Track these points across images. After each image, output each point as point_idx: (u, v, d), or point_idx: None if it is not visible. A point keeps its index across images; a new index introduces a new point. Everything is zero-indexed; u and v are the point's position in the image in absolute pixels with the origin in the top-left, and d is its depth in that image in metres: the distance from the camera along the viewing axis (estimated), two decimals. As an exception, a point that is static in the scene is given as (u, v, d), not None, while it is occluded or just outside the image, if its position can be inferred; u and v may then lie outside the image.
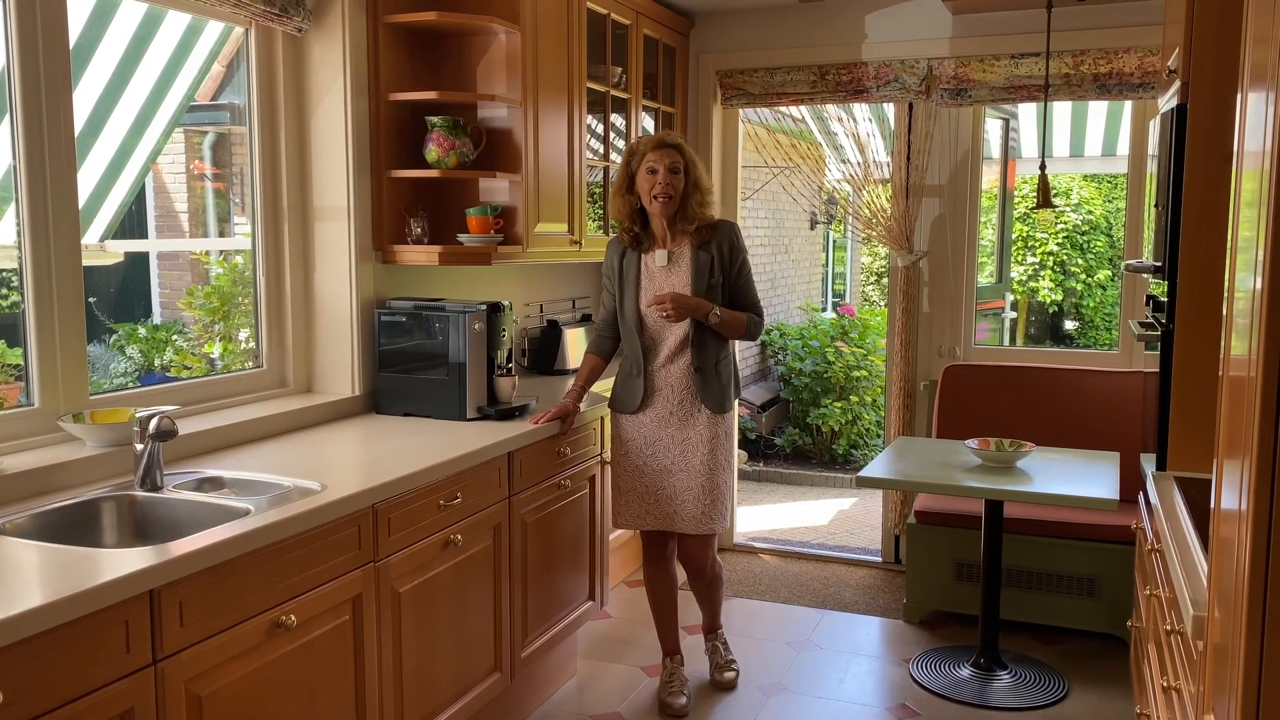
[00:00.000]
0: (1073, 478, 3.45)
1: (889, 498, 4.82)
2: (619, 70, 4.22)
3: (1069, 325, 9.18)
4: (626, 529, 3.47)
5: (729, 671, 3.60)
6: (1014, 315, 8.92)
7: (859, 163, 4.74)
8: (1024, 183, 8.36)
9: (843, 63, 4.58)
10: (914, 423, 4.71)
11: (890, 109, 4.80)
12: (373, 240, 3.38)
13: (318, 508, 2.23)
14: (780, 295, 9.14)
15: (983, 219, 4.89)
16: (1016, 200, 8.43)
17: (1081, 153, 7.70)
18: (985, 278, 6.16)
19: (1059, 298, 8.97)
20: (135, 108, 3.07)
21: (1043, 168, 4.09)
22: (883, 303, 9.98)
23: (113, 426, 2.51)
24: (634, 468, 3.33)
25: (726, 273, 3.27)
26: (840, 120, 4.88)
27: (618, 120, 4.36)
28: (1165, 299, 2.68)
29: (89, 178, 2.87)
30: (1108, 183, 9.14)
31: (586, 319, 4.59)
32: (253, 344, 3.35)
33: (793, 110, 6.70)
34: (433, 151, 3.37)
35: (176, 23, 3.07)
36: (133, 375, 3.51)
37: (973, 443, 3.63)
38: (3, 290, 2.84)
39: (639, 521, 3.36)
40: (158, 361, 3.56)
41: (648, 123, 4.61)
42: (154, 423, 2.36)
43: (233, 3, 2.86)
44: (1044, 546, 3.94)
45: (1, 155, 2.47)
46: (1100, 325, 9.05)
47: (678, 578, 3.55)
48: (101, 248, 3.15)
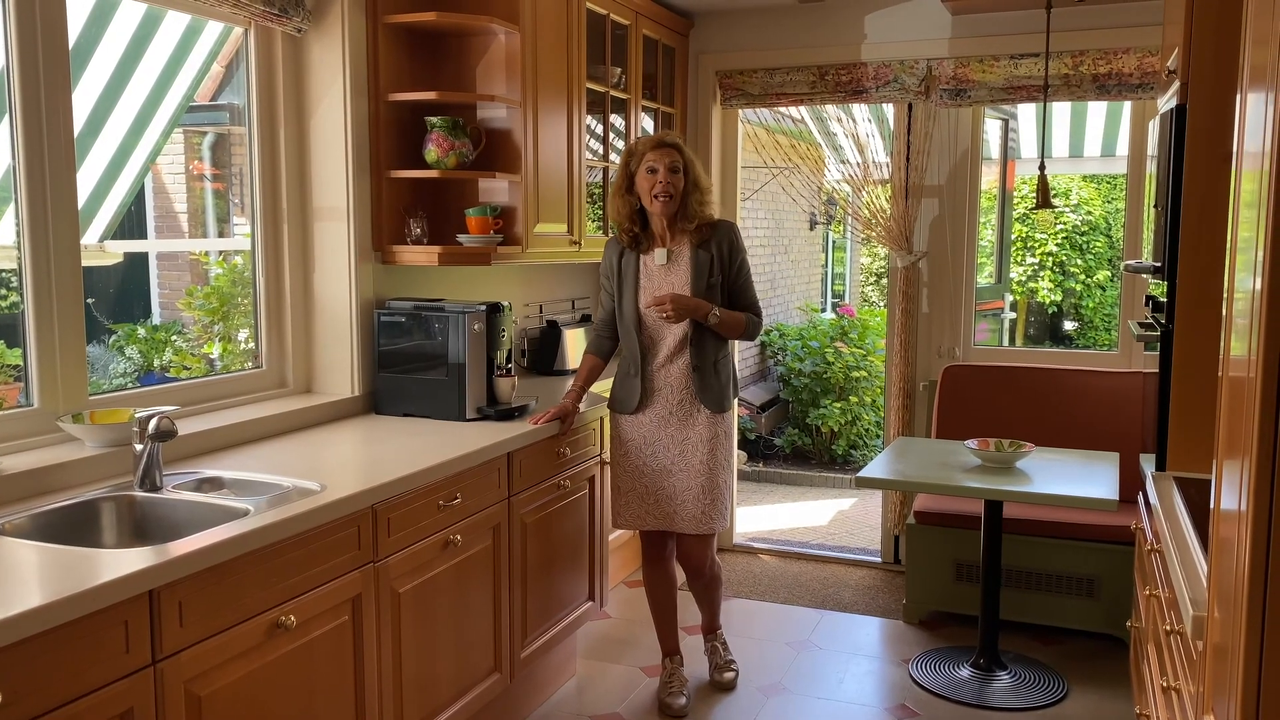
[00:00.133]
0: (1072, 478, 3.45)
1: (888, 498, 4.82)
2: (618, 70, 4.22)
3: (1068, 326, 9.18)
4: (626, 529, 3.47)
5: (728, 672, 3.60)
6: (1013, 316, 8.92)
7: (858, 163, 4.74)
8: (1023, 183, 8.37)
9: (842, 63, 4.58)
10: (913, 423, 4.71)
11: (890, 109, 4.80)
12: (372, 241, 3.38)
13: (317, 508, 2.23)
14: (780, 296, 9.14)
15: (982, 219, 4.89)
16: (1016, 201, 8.43)
17: (1081, 153, 7.71)
18: (984, 278, 6.16)
19: (1058, 298, 8.97)
20: (135, 108, 3.07)
21: (1042, 168, 4.09)
22: (882, 303, 9.98)
23: (112, 427, 2.51)
24: (633, 468, 3.33)
25: (726, 272, 3.27)
26: (840, 121, 4.88)
27: (617, 121, 4.36)
28: (1165, 299, 2.68)
29: (88, 178, 2.86)
30: (1107, 183, 9.15)
31: (586, 319, 4.59)
32: (252, 344, 3.35)
33: (792, 111, 6.70)
34: (432, 152, 3.37)
35: (176, 23, 3.07)
36: (132, 376, 3.50)
37: (972, 443, 3.63)
38: (2, 291, 2.83)
39: (639, 522, 3.36)
40: (157, 362, 3.56)
41: (647, 123, 4.61)
42: (153, 423, 2.36)
43: (232, 3, 2.86)
44: (1043, 547, 3.94)
45: (1, 155, 2.47)
46: (1099, 326, 9.05)
47: (677, 578, 3.55)
48: (101, 248, 3.14)
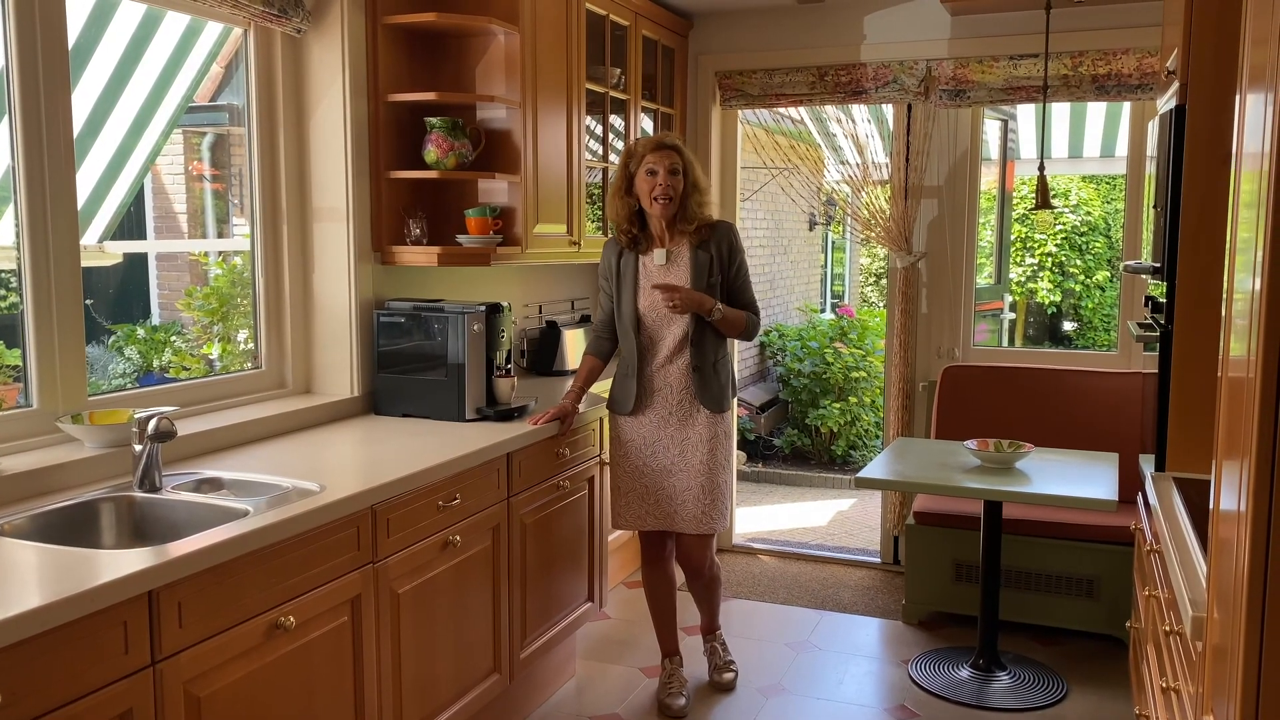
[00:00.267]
0: (1071, 478, 3.45)
1: (888, 499, 4.82)
2: (618, 71, 4.22)
3: (1068, 326, 9.18)
4: (626, 530, 3.47)
5: (728, 672, 3.60)
6: (1013, 316, 8.92)
7: (858, 164, 4.74)
8: (1023, 184, 8.37)
9: (841, 64, 4.58)
10: (913, 424, 4.71)
11: (889, 110, 4.80)
12: (371, 241, 3.38)
13: (316, 509, 2.23)
14: (779, 296, 9.14)
15: (981, 220, 4.89)
16: (1015, 201, 8.43)
17: (1080, 154, 7.71)
18: (984, 279, 6.16)
19: (1058, 299, 8.97)
20: (134, 108, 3.06)
21: (1041, 169, 4.09)
22: (881, 304, 9.99)
23: (111, 427, 2.51)
24: (633, 468, 3.33)
25: (725, 273, 3.27)
26: (839, 121, 4.88)
27: (616, 121, 4.36)
28: (1164, 300, 2.68)
29: (88, 179, 2.86)
30: (1106, 184, 9.15)
31: (585, 320, 4.59)
32: (251, 345, 3.35)
33: (791, 111, 6.70)
34: (431, 152, 3.37)
35: (175, 23, 3.06)
36: (131, 376, 3.50)
37: (971, 443, 3.63)
38: (1, 291, 2.83)
39: (639, 522, 3.36)
40: (156, 362, 3.56)
41: (646, 124, 4.61)
42: (153, 424, 2.36)
43: (231, 4, 2.86)
44: (1043, 547, 3.94)
45: (0, 156, 2.47)
46: (1099, 326, 9.05)
47: (676, 578, 3.55)
48: (100, 249, 3.14)
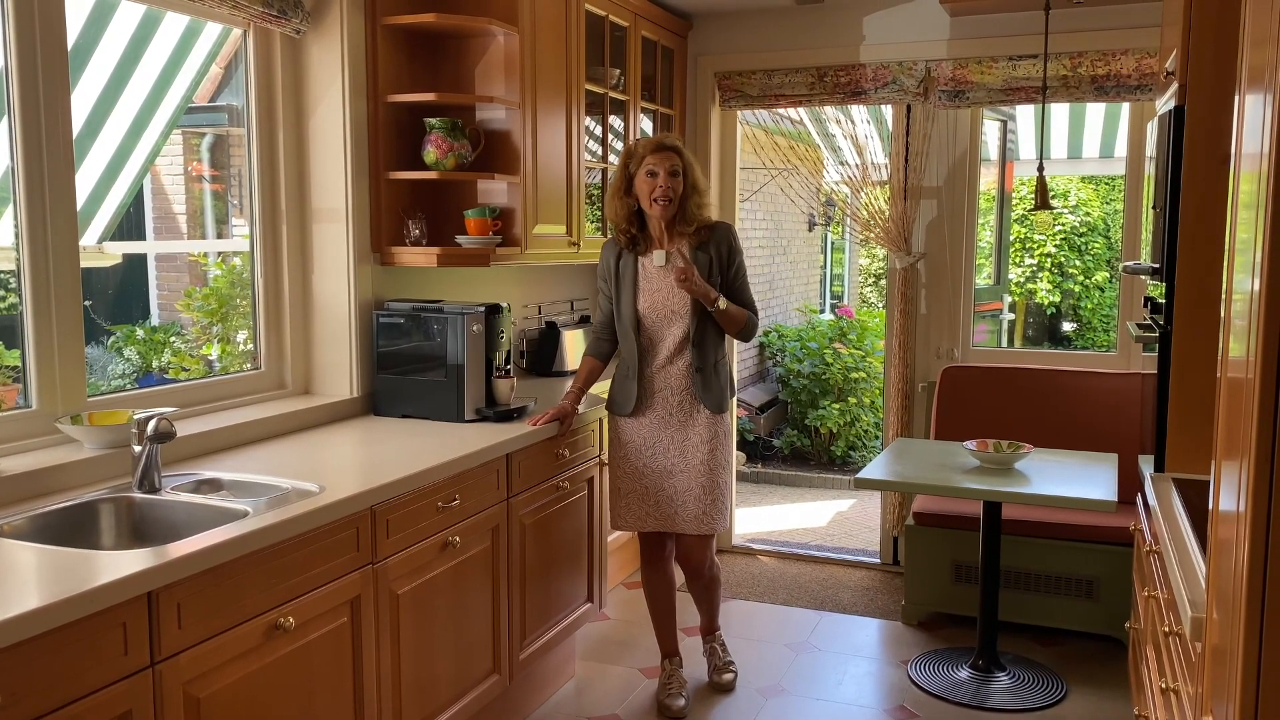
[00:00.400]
0: (1071, 479, 3.45)
1: (887, 499, 4.82)
2: (617, 72, 4.22)
3: (1067, 327, 9.18)
4: (626, 531, 3.47)
5: (727, 673, 3.60)
6: (1012, 317, 8.92)
7: (857, 164, 4.74)
8: (1022, 184, 8.37)
9: (841, 64, 4.58)
10: (912, 424, 4.71)
11: (888, 111, 4.80)
12: (371, 242, 3.38)
13: (316, 509, 2.23)
14: (778, 297, 9.14)
15: (981, 220, 4.89)
16: (1014, 202, 8.44)
17: (1079, 154, 7.71)
18: (983, 279, 6.16)
19: (1057, 299, 8.97)
20: (133, 109, 3.06)
21: (1040, 169, 4.08)
22: (881, 304, 9.99)
23: (111, 428, 2.51)
24: (634, 469, 3.33)
25: (724, 274, 3.27)
26: (838, 122, 4.88)
27: (616, 122, 4.36)
28: (1163, 300, 2.68)
29: (87, 179, 2.86)
30: (1105, 184, 9.15)
31: (585, 320, 4.59)
32: (251, 346, 3.35)
33: (791, 112, 6.70)
34: (431, 153, 3.37)
35: (175, 24, 3.06)
36: (131, 377, 3.50)
37: (971, 444, 3.63)
38: (0, 292, 2.83)
39: (639, 523, 3.36)
40: (156, 363, 3.56)
41: (646, 124, 4.61)
42: (152, 424, 2.36)
43: (231, 4, 2.86)
44: (1042, 548, 3.94)
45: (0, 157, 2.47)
46: (1098, 327, 9.05)
47: (676, 579, 3.55)
48: (99, 249, 3.14)
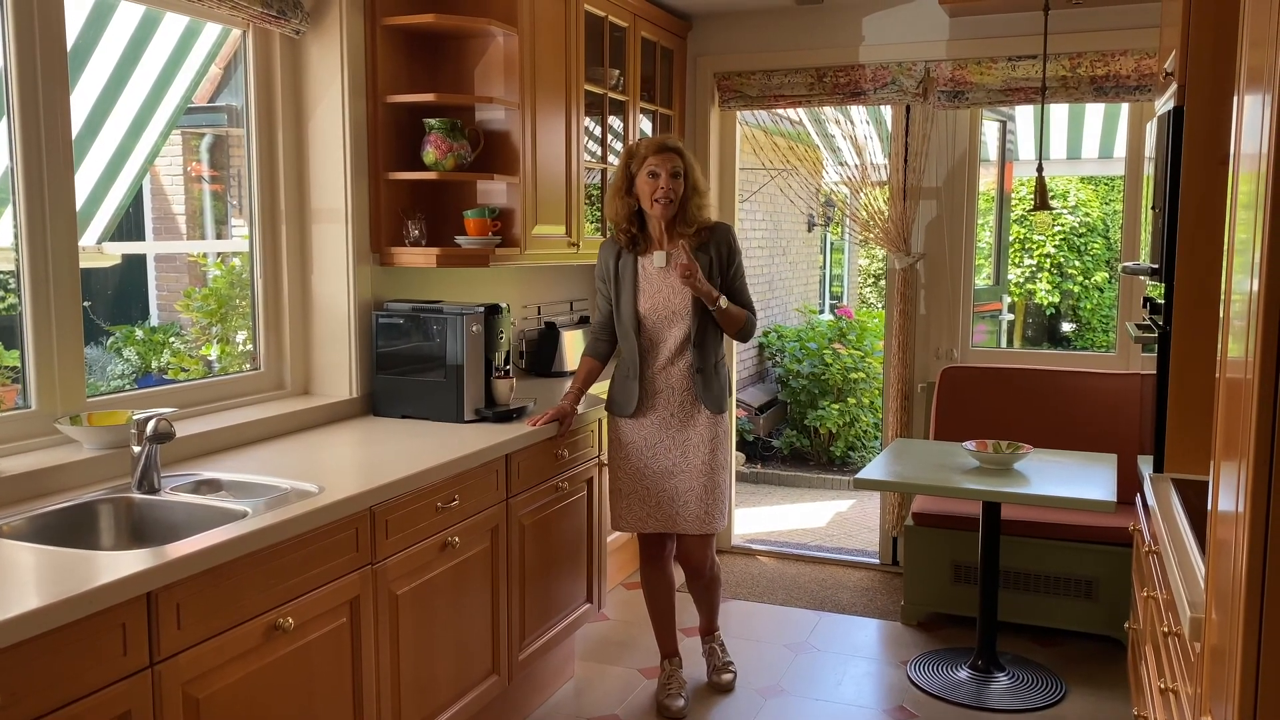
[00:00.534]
0: (1070, 480, 3.45)
1: (886, 500, 4.82)
2: (616, 72, 4.22)
3: (1066, 327, 9.18)
4: (627, 532, 3.47)
5: (727, 673, 3.60)
6: (1011, 317, 8.93)
7: (856, 165, 4.74)
8: (1021, 185, 8.37)
9: (840, 65, 4.58)
10: (911, 425, 4.71)
11: (888, 111, 4.81)
12: (370, 242, 3.38)
13: (315, 510, 2.23)
14: (778, 297, 9.14)
15: (980, 221, 4.89)
16: (1014, 202, 8.44)
17: (1079, 155, 7.71)
18: (982, 280, 6.17)
19: (1056, 300, 8.97)
20: (133, 109, 3.06)
21: (1040, 170, 4.09)
22: (880, 305, 9.99)
23: (110, 429, 2.51)
24: (636, 470, 3.33)
25: (724, 274, 3.28)
26: (838, 123, 4.88)
27: (615, 122, 4.36)
28: (1162, 301, 2.69)
29: (86, 180, 2.86)
30: (1105, 185, 9.15)
31: (584, 321, 4.59)
32: (250, 346, 3.34)
33: (790, 112, 6.70)
34: (430, 154, 3.37)
35: (174, 25, 3.06)
36: (130, 377, 3.50)
37: (970, 444, 3.63)
38: (0, 292, 2.83)
39: (640, 524, 3.36)
40: (155, 364, 3.56)
41: (645, 125, 4.61)
42: (151, 425, 2.36)
43: (230, 5, 2.86)
44: (1041, 548, 3.94)
45: (-1, 157, 2.47)
46: (1097, 327, 9.05)
47: (675, 579, 3.55)
48: (99, 250, 3.14)
